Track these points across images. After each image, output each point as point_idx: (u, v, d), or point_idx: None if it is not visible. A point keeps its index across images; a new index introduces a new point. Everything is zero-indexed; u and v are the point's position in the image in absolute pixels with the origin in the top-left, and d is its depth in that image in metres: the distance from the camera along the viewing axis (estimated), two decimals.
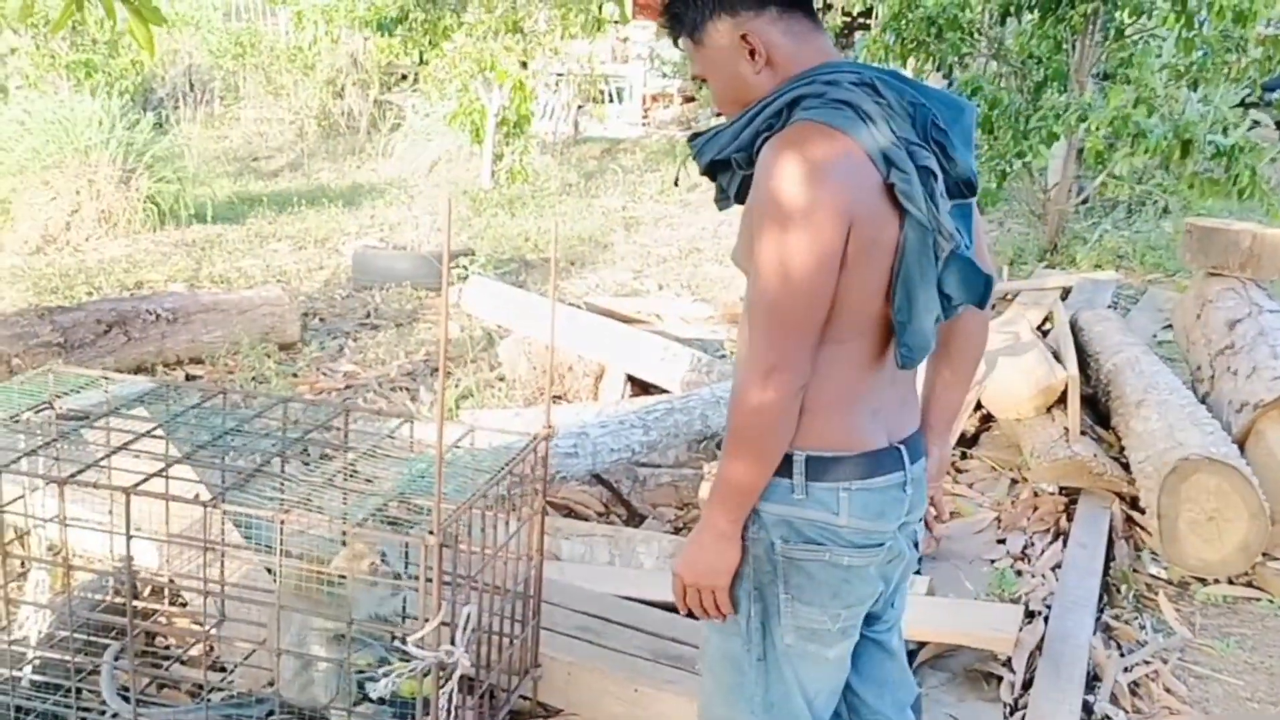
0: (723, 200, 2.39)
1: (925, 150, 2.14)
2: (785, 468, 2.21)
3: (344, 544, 3.01)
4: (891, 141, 2.10)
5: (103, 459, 3.22)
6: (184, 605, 3.81)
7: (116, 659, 3.37)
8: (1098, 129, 7.72)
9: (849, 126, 2.08)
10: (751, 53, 2.22)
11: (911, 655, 3.89)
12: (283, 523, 2.82)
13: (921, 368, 2.33)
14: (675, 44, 2.37)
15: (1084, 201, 10.26)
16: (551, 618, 3.52)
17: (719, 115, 2.34)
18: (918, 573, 4.27)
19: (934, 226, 2.12)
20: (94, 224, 10.05)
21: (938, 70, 10.44)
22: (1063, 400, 5.44)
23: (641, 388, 6.22)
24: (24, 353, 6.14)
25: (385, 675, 2.77)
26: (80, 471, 3.11)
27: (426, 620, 2.70)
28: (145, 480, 3.03)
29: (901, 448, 2.30)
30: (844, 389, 2.22)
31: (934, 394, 2.52)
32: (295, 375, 6.73)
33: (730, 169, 2.29)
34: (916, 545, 2.46)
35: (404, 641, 2.73)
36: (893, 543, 2.30)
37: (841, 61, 2.25)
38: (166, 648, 3.80)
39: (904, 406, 2.37)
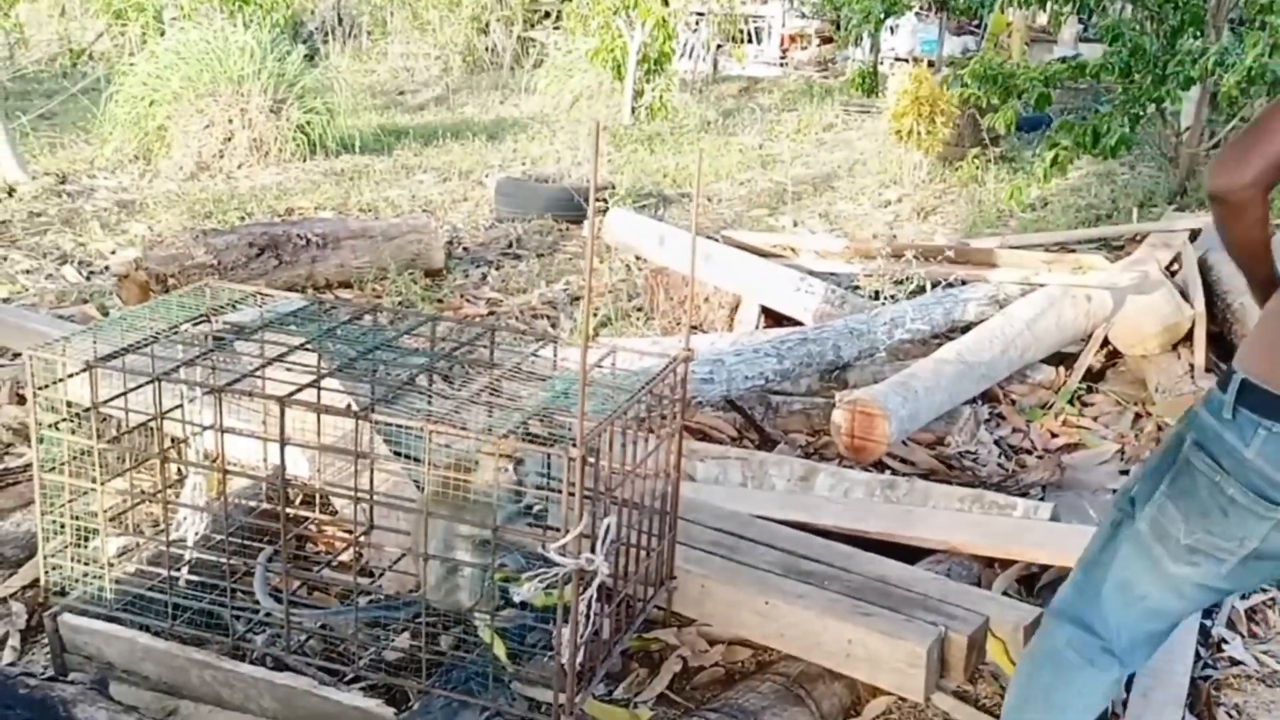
0: None
1: None
2: (1225, 382, 2.23)
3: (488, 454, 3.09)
4: None
5: (257, 370, 3.35)
6: (334, 513, 3.96)
7: (269, 561, 3.51)
8: (1233, 76, 7.56)
9: None
10: None
11: (1034, 578, 3.93)
12: (430, 434, 2.92)
13: None
14: None
15: (1215, 145, 10.01)
16: (687, 533, 3.59)
17: None
18: (1041, 499, 4.30)
19: None
20: (246, 152, 10.33)
21: (1076, 14, 10.25)
22: (1189, 337, 5.58)
23: (774, 320, 6.26)
24: (179, 273, 6.37)
25: (528, 580, 2.86)
26: (236, 381, 3.24)
27: (568, 530, 2.79)
28: (298, 391, 3.16)
29: None
30: None
31: None
32: (440, 301, 6.88)
33: None
34: None
35: (546, 549, 2.82)
36: None
37: None
38: (317, 553, 3.95)
39: None
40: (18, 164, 9.56)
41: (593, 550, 2.84)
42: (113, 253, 7.66)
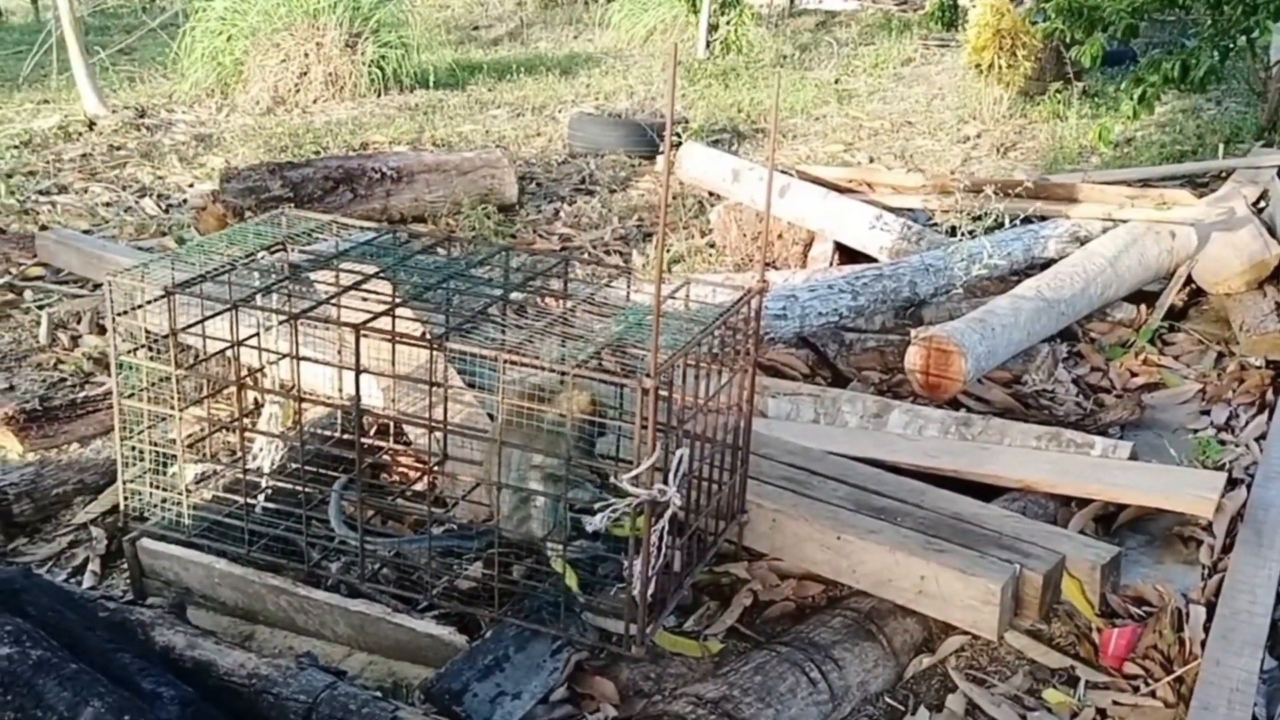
0: None
1: None
2: None
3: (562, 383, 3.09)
4: None
5: (332, 298, 3.36)
6: (408, 443, 3.98)
7: (344, 490, 3.54)
8: None
9: None
10: None
11: (1112, 517, 3.89)
12: (504, 364, 2.91)
13: None
14: None
15: None
16: (758, 468, 3.58)
17: None
18: (1120, 438, 4.23)
19: None
20: (321, 86, 10.37)
21: None
22: (1275, 275, 5.51)
23: (848, 257, 6.19)
24: (256, 206, 6.43)
25: (601, 510, 2.86)
26: (312, 308, 3.25)
27: (641, 462, 2.78)
28: (373, 319, 3.16)
29: None
30: None
31: None
32: (513, 236, 6.89)
33: None
34: None
35: (618, 479, 2.81)
36: None
37: None
38: (391, 483, 3.98)
39: None
40: (98, 98, 9.67)
41: (665, 482, 2.83)
42: (190, 186, 7.74)
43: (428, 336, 3.50)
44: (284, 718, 2.76)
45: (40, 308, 5.58)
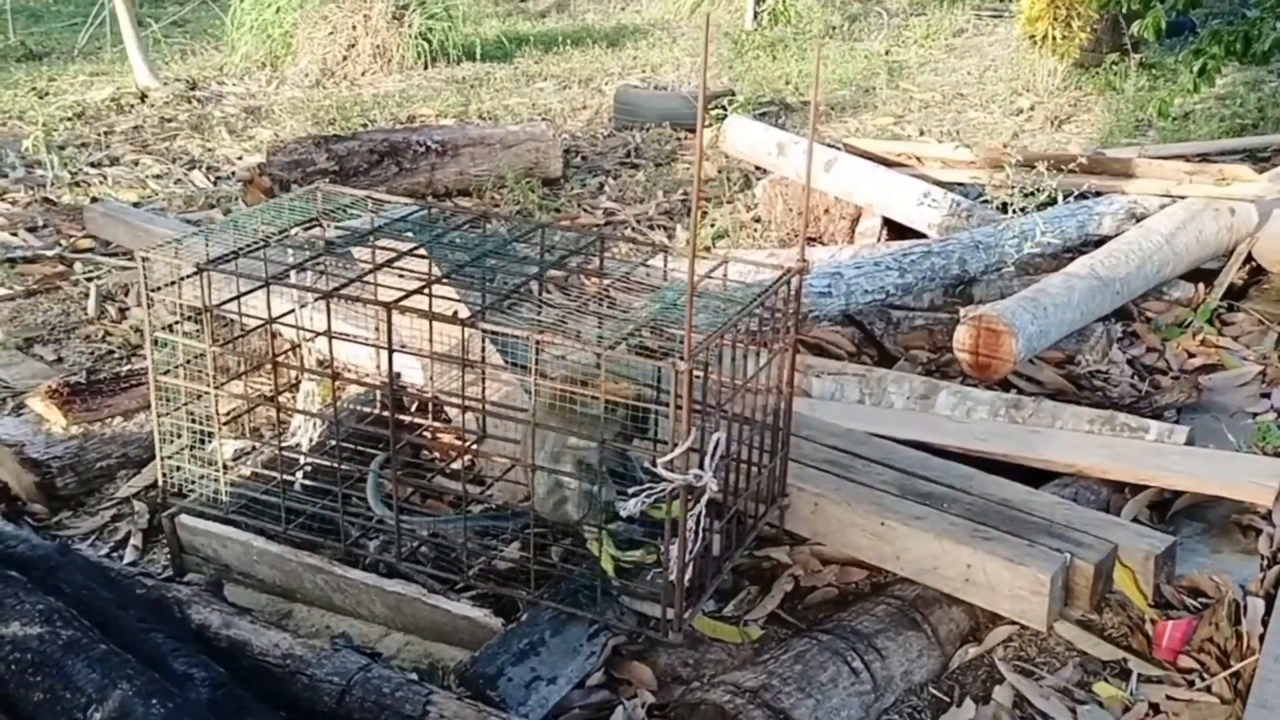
0: None
1: None
2: None
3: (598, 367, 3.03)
4: None
5: (367, 274, 3.31)
6: (447, 421, 3.94)
7: (381, 468, 3.51)
8: None
9: None
10: None
11: (1167, 504, 3.79)
12: (539, 343, 2.86)
13: None
14: None
15: None
16: (800, 450, 3.51)
17: None
18: (1176, 422, 4.13)
19: None
20: (369, 59, 10.35)
21: None
22: None
23: (897, 232, 6.10)
24: (301, 179, 6.43)
25: (635, 495, 2.81)
26: (345, 285, 3.21)
27: (677, 444, 2.72)
28: (407, 296, 3.11)
29: None
30: None
31: None
32: (557, 210, 6.85)
33: None
34: None
35: (654, 464, 2.76)
36: None
37: None
38: (430, 461, 3.95)
39: None
40: (149, 71, 9.71)
41: (701, 465, 2.77)
42: (239, 158, 7.75)
43: (463, 314, 3.45)
44: (318, 700, 2.73)
45: (89, 280, 5.60)
